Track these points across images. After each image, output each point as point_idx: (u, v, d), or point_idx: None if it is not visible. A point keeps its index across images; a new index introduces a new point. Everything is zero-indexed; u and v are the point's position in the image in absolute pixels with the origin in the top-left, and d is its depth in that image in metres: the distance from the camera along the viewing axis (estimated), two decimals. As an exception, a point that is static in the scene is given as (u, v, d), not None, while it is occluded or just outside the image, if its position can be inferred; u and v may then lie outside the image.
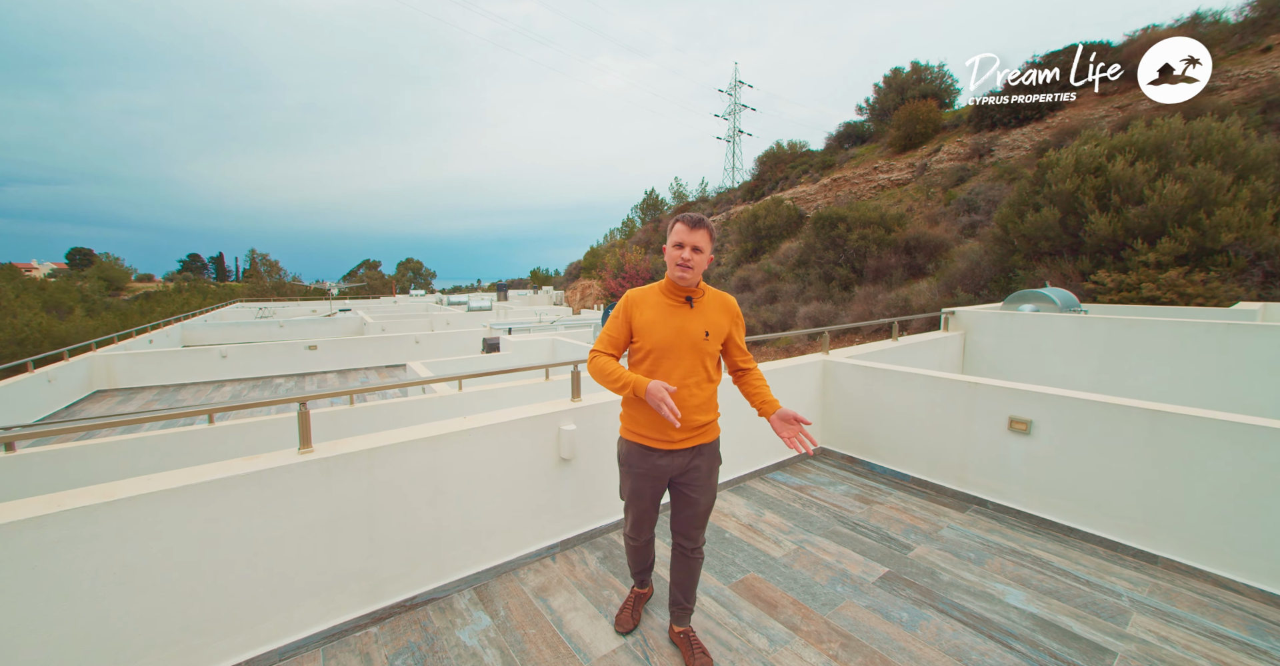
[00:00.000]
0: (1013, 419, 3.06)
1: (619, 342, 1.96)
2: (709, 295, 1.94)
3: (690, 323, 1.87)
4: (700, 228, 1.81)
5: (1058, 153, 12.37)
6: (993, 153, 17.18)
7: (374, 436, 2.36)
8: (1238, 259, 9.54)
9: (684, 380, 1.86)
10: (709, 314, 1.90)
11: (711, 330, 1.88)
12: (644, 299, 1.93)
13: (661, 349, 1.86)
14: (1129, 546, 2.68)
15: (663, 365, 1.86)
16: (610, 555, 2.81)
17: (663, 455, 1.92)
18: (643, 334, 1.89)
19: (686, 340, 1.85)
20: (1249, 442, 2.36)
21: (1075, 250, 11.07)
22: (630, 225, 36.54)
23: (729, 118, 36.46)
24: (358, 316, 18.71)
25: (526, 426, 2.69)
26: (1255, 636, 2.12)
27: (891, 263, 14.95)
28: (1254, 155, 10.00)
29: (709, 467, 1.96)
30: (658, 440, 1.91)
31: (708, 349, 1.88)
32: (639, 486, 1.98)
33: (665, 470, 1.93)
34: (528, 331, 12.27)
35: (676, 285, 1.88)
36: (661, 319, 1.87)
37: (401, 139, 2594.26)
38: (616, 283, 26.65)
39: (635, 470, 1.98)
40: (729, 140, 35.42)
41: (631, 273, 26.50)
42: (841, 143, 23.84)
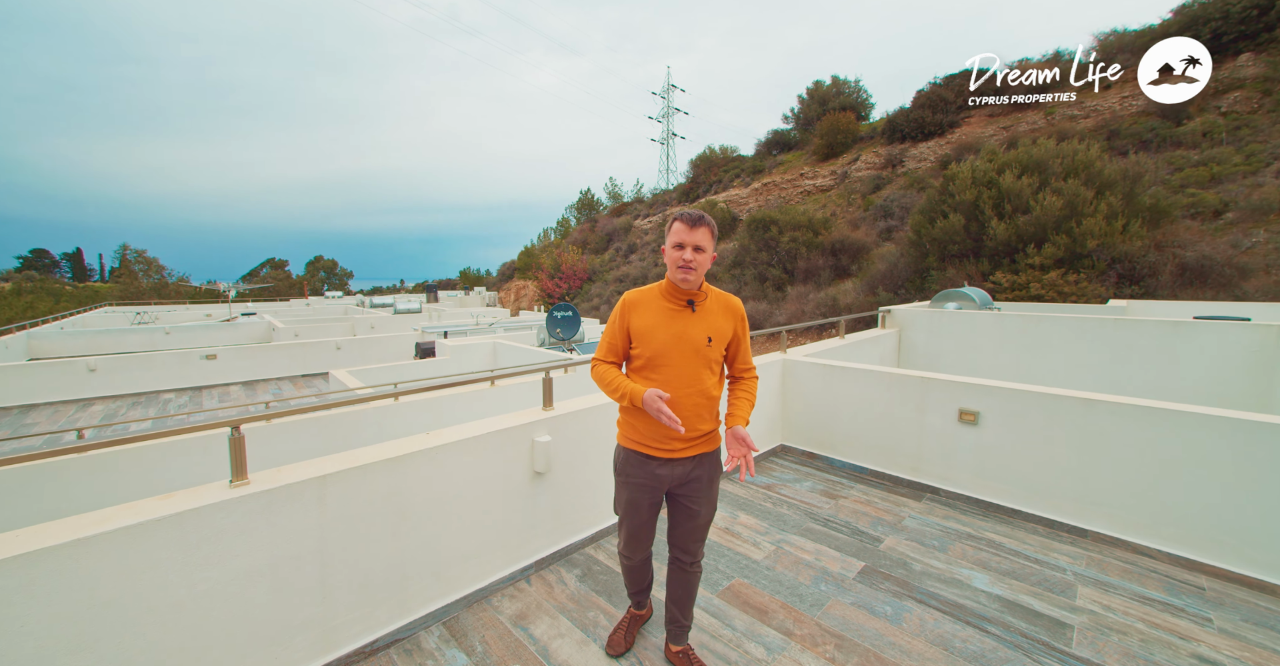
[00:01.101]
0: (962, 411, 3.28)
1: (619, 349, 1.86)
2: (712, 297, 1.81)
3: (692, 328, 1.76)
4: (701, 225, 1.69)
5: (959, 166, 13.72)
6: (904, 163, 18.73)
7: (324, 461, 2.05)
8: (1099, 262, 11.08)
9: (686, 388, 1.76)
10: (712, 318, 1.79)
11: (715, 335, 1.77)
12: (642, 302, 1.81)
13: (662, 356, 1.75)
14: (1064, 523, 2.95)
15: (663, 372, 1.76)
16: (590, 572, 2.67)
17: (662, 464, 1.82)
18: (641, 340, 1.78)
19: (688, 346, 1.74)
20: (1159, 424, 2.67)
21: (977, 253, 12.31)
22: (566, 225, 35.98)
23: (662, 120, 37.04)
24: (264, 321, 16.86)
25: (498, 440, 2.48)
26: (1173, 596, 2.40)
27: (820, 264, 15.83)
28: (1108, 175, 11.63)
29: (710, 478, 1.87)
30: (657, 448, 1.81)
31: (711, 355, 1.77)
32: (636, 497, 1.87)
33: (664, 480, 1.83)
34: (465, 334, 11.65)
35: (678, 288, 1.76)
36: (661, 324, 1.76)
37: (311, 126, 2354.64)
38: (553, 283, 26.13)
39: (633, 479, 1.87)
40: (663, 142, 35.98)
41: (569, 273, 26.10)
42: (770, 149, 24.97)
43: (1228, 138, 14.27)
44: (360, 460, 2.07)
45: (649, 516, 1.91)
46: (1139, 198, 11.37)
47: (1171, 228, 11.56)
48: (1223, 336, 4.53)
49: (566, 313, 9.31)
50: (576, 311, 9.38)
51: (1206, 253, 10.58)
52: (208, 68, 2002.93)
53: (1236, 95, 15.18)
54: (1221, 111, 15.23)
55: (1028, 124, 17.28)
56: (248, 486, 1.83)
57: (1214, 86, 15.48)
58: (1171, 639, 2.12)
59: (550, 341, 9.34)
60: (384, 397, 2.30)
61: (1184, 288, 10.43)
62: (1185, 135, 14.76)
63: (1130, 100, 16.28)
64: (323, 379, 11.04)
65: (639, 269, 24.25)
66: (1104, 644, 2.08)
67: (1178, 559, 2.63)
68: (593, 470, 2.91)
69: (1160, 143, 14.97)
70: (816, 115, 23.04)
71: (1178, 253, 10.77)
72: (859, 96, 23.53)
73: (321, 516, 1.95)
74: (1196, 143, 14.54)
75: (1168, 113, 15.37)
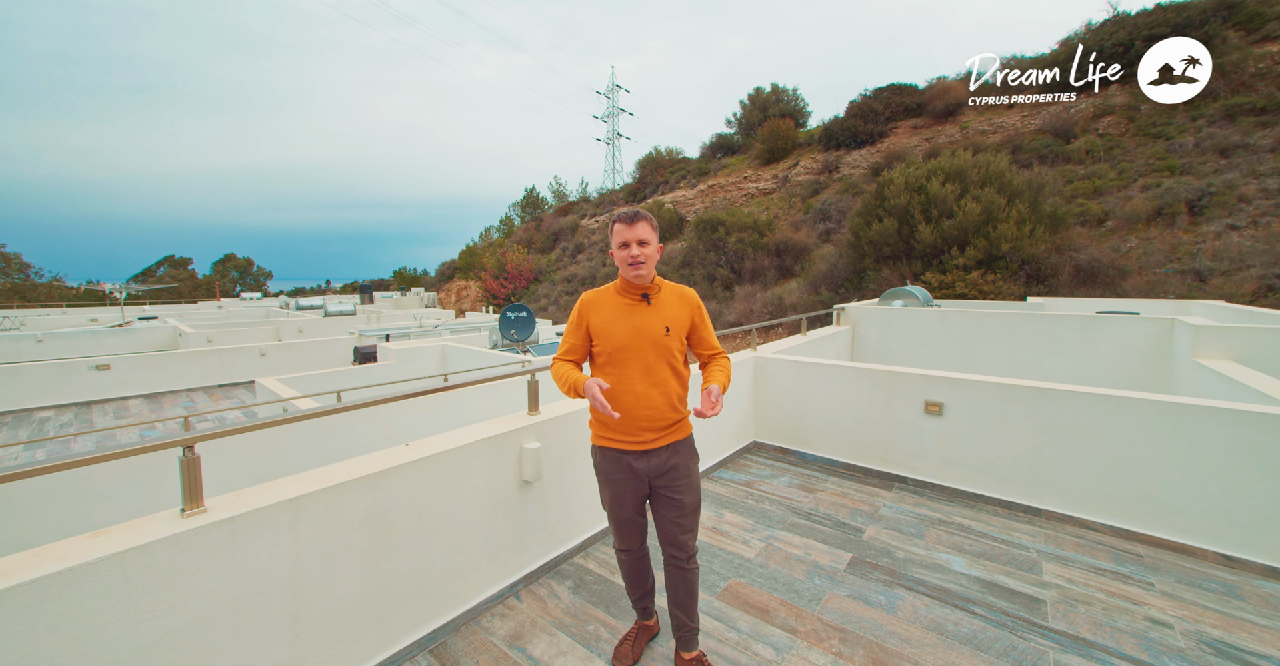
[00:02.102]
0: (928, 402, 3.47)
1: (578, 349, 1.91)
2: (666, 290, 1.88)
3: (648, 320, 1.81)
4: (638, 221, 1.76)
5: (891, 173, 14.70)
6: (839, 169, 19.81)
7: (295, 481, 1.81)
8: (1011, 264, 12.28)
9: (649, 378, 1.80)
10: (667, 309, 1.84)
11: (672, 325, 1.83)
12: (599, 301, 1.88)
13: (622, 350, 1.80)
14: (1020, 504, 3.19)
15: (625, 366, 1.80)
16: (582, 582, 2.55)
17: (638, 457, 1.84)
18: (601, 336, 1.83)
19: (647, 338, 1.79)
20: (1100, 410, 2.94)
21: (909, 255, 13.24)
22: (509, 223, 34.94)
23: (607, 120, 36.89)
24: (168, 326, 15.05)
25: (485, 449, 2.31)
26: (1119, 565, 2.65)
27: (765, 264, 16.39)
28: (1016, 185, 12.90)
29: (687, 464, 1.89)
30: (628, 441, 1.83)
31: (670, 345, 1.82)
32: (618, 493, 1.88)
33: (642, 472, 1.84)
34: (408, 338, 10.98)
35: (632, 284, 1.83)
36: (619, 319, 1.81)
37: (218, 112, 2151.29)
38: (498, 283, 25.31)
39: (612, 476, 1.88)
40: (608, 142, 35.84)
41: (514, 273, 25.39)
42: (715, 152, 25.57)
43: (1104, 156, 16.25)
44: (336, 477, 1.85)
45: (635, 510, 1.92)
46: (1041, 206, 12.68)
47: (1067, 233, 12.99)
48: (1127, 329, 5.14)
49: (520, 313, 9.01)
50: (531, 312, 9.10)
51: (1095, 256, 11.99)
52: (81, 36, 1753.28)
53: (1109, 119, 17.30)
54: (1099, 133, 17.30)
55: (946, 137, 18.80)
56: (205, 515, 1.58)
57: (1092, 110, 17.59)
58: (1126, 605, 2.33)
59: (504, 343, 9.00)
60: (373, 404, 2.07)
61: (1079, 286, 11.76)
62: (1073, 152, 16.64)
63: (1029, 119, 18.13)
64: (246, 389, 10.00)
65: (587, 269, 24.01)
66: (1074, 615, 2.26)
67: (1118, 530, 2.91)
68: (580, 475, 2.79)
69: (1054, 158, 16.77)
70: (758, 120, 23.87)
71: (1073, 255, 12.13)
72: (797, 104, 24.64)
73: (295, 543, 1.71)
74: (1081, 159, 16.44)
75: (1058, 132, 17.27)
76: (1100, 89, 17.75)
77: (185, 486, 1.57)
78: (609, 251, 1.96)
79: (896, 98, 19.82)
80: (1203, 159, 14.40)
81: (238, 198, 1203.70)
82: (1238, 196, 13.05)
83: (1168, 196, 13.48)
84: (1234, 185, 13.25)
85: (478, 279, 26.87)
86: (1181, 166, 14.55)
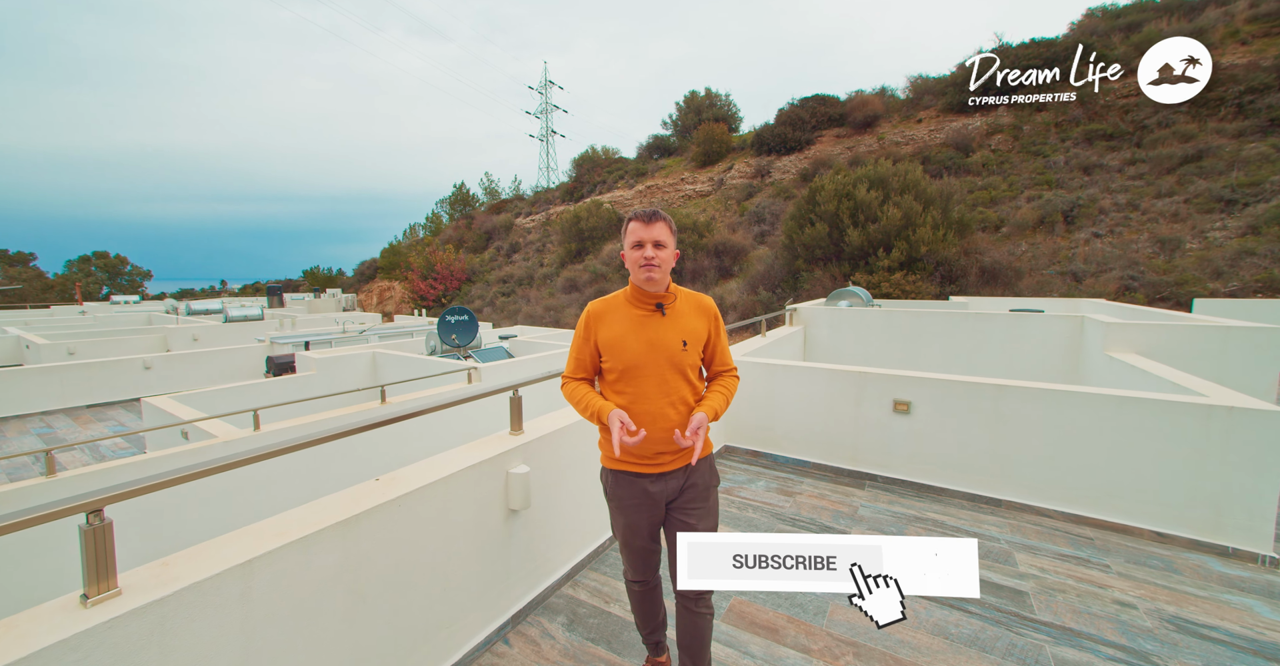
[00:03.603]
0: (896, 401, 3.58)
1: (587, 365, 1.73)
2: (682, 297, 1.72)
3: (664, 333, 1.64)
4: (657, 220, 1.61)
5: (821, 179, 15.52)
6: (771, 174, 20.64)
7: (243, 538, 1.44)
8: (928, 265, 13.40)
9: (665, 397, 1.64)
10: (685, 320, 1.68)
11: (690, 338, 1.67)
12: (607, 311, 1.70)
13: (635, 366, 1.63)
14: (983, 496, 3.37)
15: (638, 383, 1.64)
16: (576, 616, 2.33)
17: (653, 480, 1.68)
18: (611, 351, 1.66)
19: (662, 353, 1.63)
20: (1051, 404, 3.17)
21: (839, 257, 14.03)
22: (437, 221, 32.97)
23: (541, 116, 35.89)
24: (9, 335, 12.62)
25: (468, 479, 2.03)
26: (1077, 549, 2.86)
27: (705, 265, 16.69)
28: (930, 193, 14.08)
29: (705, 485, 1.74)
30: (646, 464, 1.67)
31: (688, 360, 1.66)
32: (633, 520, 1.72)
33: (658, 496, 1.69)
34: (330, 345, 9.96)
35: (644, 290, 1.66)
36: (630, 332, 1.65)
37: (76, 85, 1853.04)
38: (427, 284, 23.84)
39: (625, 502, 1.72)
40: (542, 139, 34.88)
41: (444, 273, 24.04)
42: (651, 153, 25.71)
43: (997, 169, 18.19)
44: (298, 529, 1.51)
45: (651, 536, 1.76)
46: (951, 213, 13.93)
47: (973, 238, 14.36)
48: (1045, 326, 5.71)
49: (461, 316, 8.45)
50: (473, 315, 8.56)
51: (996, 258, 13.35)
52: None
53: (999, 137, 19.39)
54: (992, 149, 19.34)
55: (865, 146, 20.18)
56: (119, 600, 1.20)
57: (985, 127, 19.63)
58: (1095, 589, 2.50)
59: (444, 349, 8.39)
60: (359, 431, 1.70)
61: (984, 286, 13.05)
62: (972, 164, 18.47)
63: (935, 132, 19.89)
64: (126, 409, 8.57)
65: (524, 269, 23.25)
66: (1056, 605, 2.38)
67: (1069, 515, 3.15)
68: (566, 498, 2.57)
69: (957, 169, 18.53)
70: (693, 124, 24.32)
71: (979, 258, 13.44)
72: (729, 109, 25.40)
73: (246, 620, 1.37)
74: (979, 171, 18.30)
75: (959, 146, 19.11)
76: (989, 111, 19.84)
77: (90, 564, 1.19)
78: (620, 254, 1.77)
79: (821, 108, 20.98)
80: (1071, 175, 16.49)
81: (104, 185, 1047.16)
82: (1098, 208, 15.07)
83: (1048, 207, 15.29)
84: (1095, 199, 15.28)
85: (403, 279, 25.13)
86: (1056, 181, 16.58)
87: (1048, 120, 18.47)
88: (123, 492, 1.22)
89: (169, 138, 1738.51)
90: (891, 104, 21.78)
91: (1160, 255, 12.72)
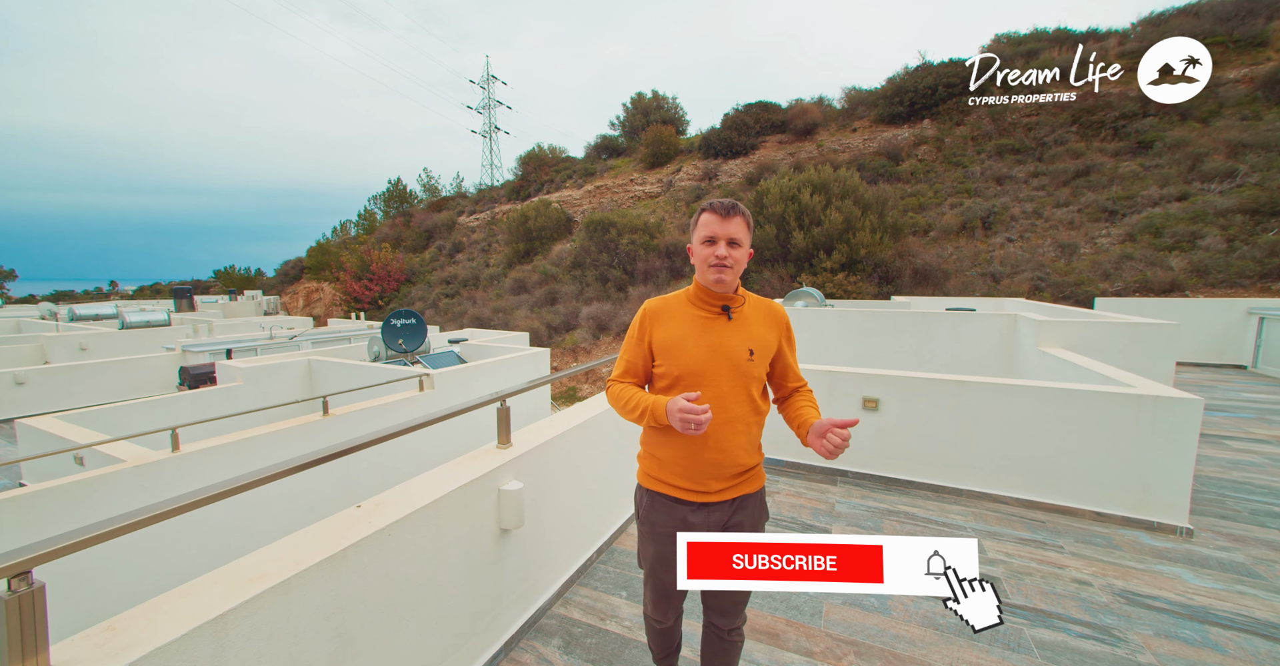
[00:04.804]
0: (865, 398, 3.72)
1: (639, 369, 1.58)
2: (750, 303, 1.56)
3: (729, 339, 1.48)
4: (735, 215, 1.45)
5: (767, 183, 16.05)
6: (718, 177, 21.09)
7: (212, 586, 1.23)
8: (867, 267, 14.20)
9: (724, 412, 1.47)
10: (753, 327, 1.52)
11: (757, 347, 1.50)
12: (666, 310, 1.55)
13: (693, 374, 1.47)
14: (946, 487, 3.57)
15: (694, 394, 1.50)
16: (572, 637, 2.21)
17: (695, 509, 1.51)
18: (667, 355, 1.50)
19: (726, 361, 1.46)
20: (1008, 396, 3.41)
21: (786, 258, 14.57)
22: (371, 218, 31.01)
23: (484, 111, 34.63)
24: None
25: (459, 500, 1.86)
26: (1034, 533, 3.08)
27: (657, 265, 16.78)
28: (868, 198, 14.94)
29: (753, 524, 1.57)
30: (690, 490, 1.50)
31: (753, 372, 1.49)
32: (665, 552, 1.54)
33: (698, 529, 1.50)
34: (256, 353, 9.08)
35: (710, 291, 1.50)
36: (691, 335, 1.49)
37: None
38: (361, 286, 22.39)
39: (659, 529, 1.54)
40: (485, 135, 33.68)
41: (381, 273, 22.68)
42: (600, 153, 25.55)
43: (924, 178, 19.59)
44: (278, 570, 1.30)
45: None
46: (886, 217, 14.84)
47: (906, 241, 15.36)
48: (983, 324, 6.18)
49: (409, 319, 7.96)
50: (421, 318, 8.09)
51: (927, 260, 14.37)
52: None
53: (925, 148, 20.90)
54: (919, 158, 20.80)
55: (806, 153, 21.09)
56: (58, 682, 0.98)
57: (912, 138, 21.07)
58: (1055, 570, 2.70)
59: (389, 355, 7.87)
60: (338, 456, 1.49)
61: (917, 286, 14.00)
62: (902, 172, 19.78)
63: (869, 142, 21.11)
64: None
65: (469, 270, 22.37)
66: (1026, 588, 2.54)
67: (1022, 501, 3.39)
68: (557, 512, 2.44)
69: (889, 176, 19.79)
70: (641, 125, 24.41)
71: (912, 260, 14.40)
72: (677, 112, 25.73)
73: (219, 688, 1.16)
74: (908, 179, 19.64)
75: (890, 155, 20.41)
76: (916, 121, 21.32)
77: (13, 641, 0.96)
78: (687, 247, 1.60)
79: (764, 114, 21.71)
80: (987, 185, 18.03)
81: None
82: (1010, 216, 16.57)
83: (968, 213, 16.63)
84: (1007, 207, 16.79)
85: (334, 280, 23.45)
86: (974, 190, 18.06)
87: (965, 134, 20.08)
88: (62, 547, 0.99)
89: (37, 117, 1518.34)
90: (829, 113, 22.91)
91: (1061, 258, 14.17)
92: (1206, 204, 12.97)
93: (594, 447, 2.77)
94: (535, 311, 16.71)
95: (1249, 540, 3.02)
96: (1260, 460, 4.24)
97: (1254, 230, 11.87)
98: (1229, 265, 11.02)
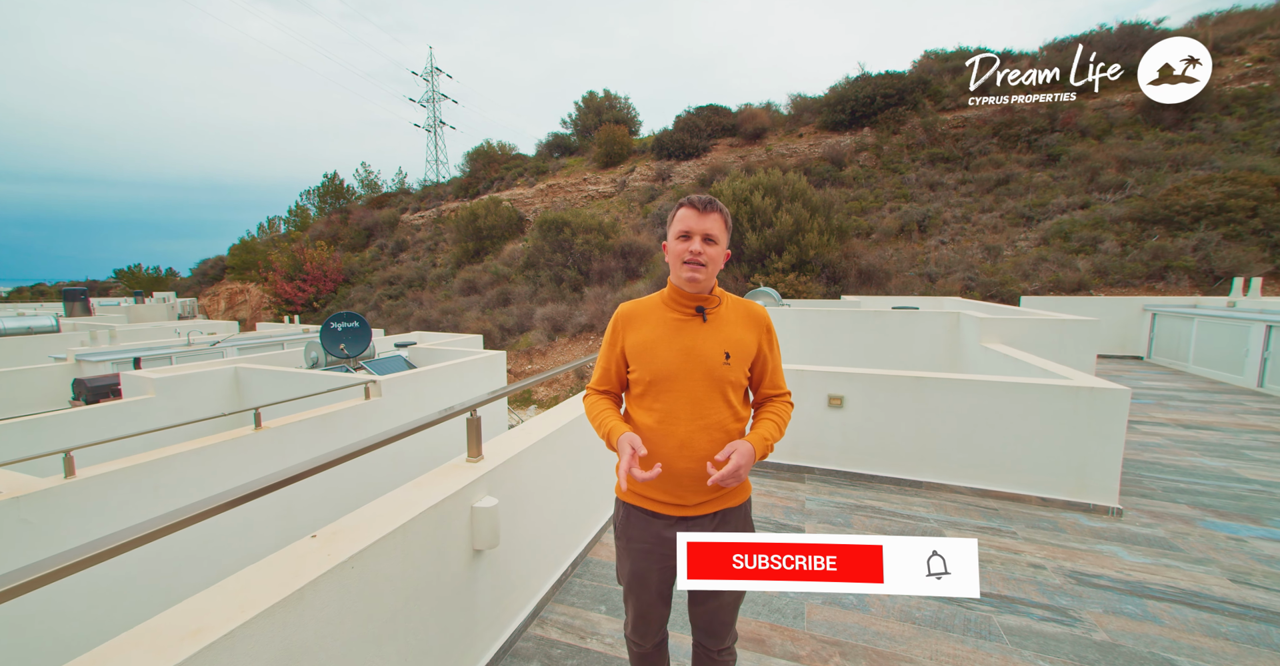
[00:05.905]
0: (831, 396, 3.79)
1: (613, 376, 1.52)
2: (728, 303, 1.48)
3: (703, 342, 1.41)
4: (712, 210, 1.39)
5: (720, 184, 16.33)
6: (671, 178, 21.25)
7: (135, 645, 1.02)
8: (815, 267, 14.74)
9: (698, 420, 1.39)
10: (729, 328, 1.44)
11: (734, 350, 1.41)
12: (639, 314, 1.48)
13: (665, 379, 1.40)
14: (907, 480, 3.70)
15: (667, 399, 1.40)
16: (551, 659, 2.08)
17: (671, 523, 1.43)
18: (640, 359, 1.43)
19: (699, 365, 1.39)
20: (961, 390, 3.57)
21: (739, 259, 14.87)
22: (304, 214, 28.91)
23: (428, 105, 33.09)
24: None
25: (431, 520, 1.69)
26: (990, 521, 3.24)
27: (612, 266, 16.67)
28: (816, 201, 15.52)
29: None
30: (667, 503, 1.43)
31: (729, 376, 1.40)
32: (641, 568, 1.46)
33: (674, 545, 1.40)
34: (171, 361, 8.19)
35: (684, 291, 1.43)
36: (664, 338, 1.42)
37: None
38: (293, 287, 20.84)
39: (635, 544, 1.47)
40: (430, 130, 32.15)
41: (315, 273, 21.21)
42: (552, 151, 25.09)
43: (865, 183, 20.61)
44: (220, 623, 1.10)
45: (661, 590, 1.49)
46: (833, 220, 15.46)
47: (851, 243, 16.07)
48: (930, 322, 6.52)
49: (351, 323, 7.44)
50: (365, 321, 7.58)
51: (870, 261, 15.10)
52: None
53: (865, 155, 21.98)
54: (860, 164, 21.86)
55: (756, 156, 21.65)
56: None
57: (854, 145, 22.10)
58: (1012, 556, 2.83)
59: (330, 361, 7.31)
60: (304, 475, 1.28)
61: (862, 286, 14.68)
62: (845, 177, 20.70)
63: (815, 147, 21.95)
64: None
65: (414, 270, 21.33)
66: (990, 575, 2.65)
67: (976, 490, 3.57)
68: (531, 528, 2.30)
69: (833, 181, 20.67)
70: (593, 124, 24.21)
71: (857, 261, 15.08)
72: (629, 112, 25.70)
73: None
74: (850, 183, 20.59)
75: (834, 160, 21.33)
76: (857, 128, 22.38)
77: None
78: (661, 244, 1.52)
79: (715, 117, 22.09)
80: (922, 190, 19.19)
81: None
82: (942, 220, 17.71)
83: (905, 217, 17.62)
84: (940, 212, 17.93)
85: (262, 281, 21.70)
86: (910, 195, 19.17)
87: (901, 142, 21.28)
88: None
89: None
90: (776, 118, 23.65)
91: (988, 260, 15.29)
92: (1104, 212, 14.42)
93: (567, 456, 2.64)
94: (487, 313, 16.16)
95: (1166, 516, 3.31)
96: (1164, 441, 4.70)
97: (1141, 236, 13.34)
98: (1123, 267, 12.31)
